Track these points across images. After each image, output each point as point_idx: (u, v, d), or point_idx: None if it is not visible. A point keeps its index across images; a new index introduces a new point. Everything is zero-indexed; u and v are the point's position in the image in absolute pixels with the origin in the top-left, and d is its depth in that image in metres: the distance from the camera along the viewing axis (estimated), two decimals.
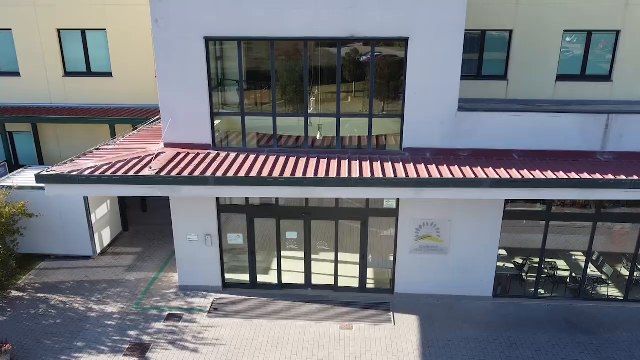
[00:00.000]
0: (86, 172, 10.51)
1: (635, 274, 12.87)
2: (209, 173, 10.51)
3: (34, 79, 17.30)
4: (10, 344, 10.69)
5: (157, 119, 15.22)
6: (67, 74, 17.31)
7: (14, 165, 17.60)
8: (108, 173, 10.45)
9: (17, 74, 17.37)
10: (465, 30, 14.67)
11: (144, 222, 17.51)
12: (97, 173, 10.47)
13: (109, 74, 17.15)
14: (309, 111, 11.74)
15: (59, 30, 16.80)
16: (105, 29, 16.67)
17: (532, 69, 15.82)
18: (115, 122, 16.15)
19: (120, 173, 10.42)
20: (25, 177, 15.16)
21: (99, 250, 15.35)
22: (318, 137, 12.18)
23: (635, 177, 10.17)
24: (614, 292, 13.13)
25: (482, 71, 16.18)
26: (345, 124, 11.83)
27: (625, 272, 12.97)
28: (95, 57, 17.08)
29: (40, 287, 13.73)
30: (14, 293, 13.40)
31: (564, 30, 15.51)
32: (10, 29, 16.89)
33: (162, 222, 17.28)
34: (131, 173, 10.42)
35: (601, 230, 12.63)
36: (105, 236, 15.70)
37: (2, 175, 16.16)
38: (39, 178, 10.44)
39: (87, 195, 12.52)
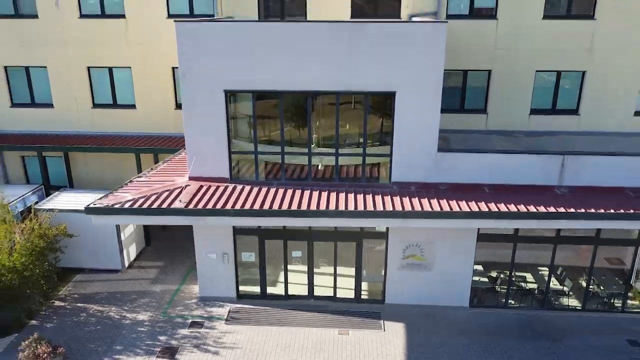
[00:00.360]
0: (127, 205, 12.62)
1: (591, 286, 15.00)
2: (228, 206, 12.62)
3: (65, 110, 19.39)
4: (63, 348, 12.81)
5: (178, 150, 17.34)
6: (95, 105, 19.39)
7: (45, 185, 19.66)
8: (145, 205, 12.56)
9: (50, 105, 19.46)
10: (450, 69, 16.92)
11: (164, 238, 19.59)
12: (135, 205, 12.59)
13: (133, 106, 19.24)
14: (312, 150, 13.85)
15: (88, 68, 18.89)
16: (130, 67, 18.75)
17: (509, 103, 17.93)
18: (140, 152, 18.28)
19: (155, 205, 12.53)
20: (62, 201, 17.27)
21: (126, 264, 17.46)
22: (320, 167, 14.30)
23: (587, 210, 12.30)
24: (573, 302, 15.26)
25: (464, 105, 18.27)
26: (343, 158, 13.94)
27: (583, 284, 15.09)
28: (121, 91, 19.17)
29: (79, 298, 15.84)
30: (57, 303, 15.51)
31: (536, 71, 17.62)
32: (45, 67, 18.97)
33: (180, 238, 19.34)
34: (164, 205, 12.54)
35: (563, 248, 14.75)
36: (131, 251, 17.82)
37: (40, 199, 18.22)
38: (88, 210, 12.54)
39: (127, 223, 14.62)
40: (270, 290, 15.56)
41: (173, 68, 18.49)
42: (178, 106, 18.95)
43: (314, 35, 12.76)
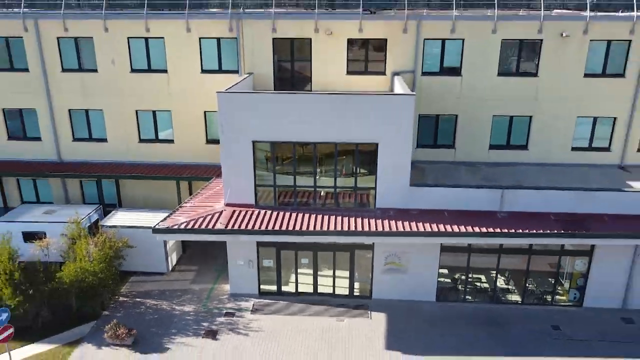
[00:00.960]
0: (182, 226, 17.36)
1: (529, 285, 19.73)
2: (255, 227, 17.37)
3: (117, 143, 24.09)
4: (135, 330, 17.54)
5: (209, 177, 22.07)
6: (141, 140, 24.10)
7: (101, 204, 24.36)
8: (195, 226, 17.31)
9: (105, 140, 24.16)
10: (426, 114, 21.63)
11: (195, 247, 24.24)
12: (189, 226, 17.33)
13: (172, 141, 23.95)
14: (317, 183, 18.57)
15: (136, 111, 23.60)
16: (170, 110, 23.46)
17: (472, 140, 22.60)
18: (179, 180, 23.05)
19: (203, 226, 17.30)
20: (119, 218, 21.97)
21: (170, 268, 22.17)
22: (322, 194, 19.03)
23: (519, 230, 17.04)
24: (515, 297, 19.99)
25: (437, 141, 22.94)
26: (340, 189, 18.67)
27: (523, 284, 19.82)
28: (162, 129, 23.86)
29: (136, 294, 20.55)
30: (121, 298, 20.22)
31: (493, 115, 22.32)
32: (101, 109, 23.66)
33: (208, 246, 23.97)
34: (209, 226, 17.30)
35: (507, 256, 19.45)
36: (173, 258, 22.54)
37: (100, 216, 22.91)
38: (155, 230, 17.30)
39: (182, 239, 19.33)
40: (284, 288, 20.28)
41: (205, 112, 23.19)
42: (208, 141, 23.66)
43: (317, 104, 17.55)
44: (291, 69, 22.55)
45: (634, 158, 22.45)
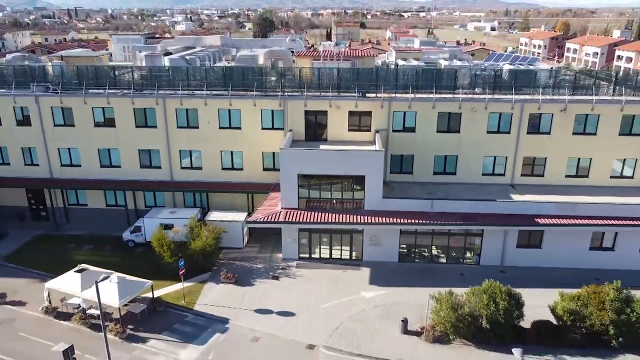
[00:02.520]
0: (260, 219, 32.93)
1: (449, 253, 35.20)
2: (298, 219, 32.92)
3: (208, 170, 39.54)
4: (236, 275, 33.08)
5: (266, 191, 37.51)
6: (223, 168, 39.59)
7: (198, 207, 39.76)
8: (268, 219, 32.88)
9: (200, 168, 39.64)
10: (396, 154, 37.02)
11: (258, 231, 39.50)
12: (265, 219, 32.89)
13: (242, 169, 39.41)
14: (332, 196, 34.12)
15: (221, 151, 39.05)
16: (242, 151, 38.91)
17: (422, 168, 37.91)
18: (251, 193, 38.64)
19: (273, 219, 32.86)
20: (215, 216, 37.39)
21: (244, 245, 37.64)
22: (334, 201, 34.53)
23: (439, 222, 32.57)
24: (443, 260, 35.44)
25: (402, 170, 38.29)
26: (344, 200, 34.21)
27: (446, 252, 35.31)
28: (236, 161, 39.31)
29: (228, 258, 36.00)
30: (220, 260, 35.66)
31: (435, 155, 37.71)
32: (200, 150, 39.10)
33: (267, 231, 39.21)
34: (276, 219, 32.85)
35: (437, 237, 34.92)
36: (245, 238, 38.00)
37: (203, 215, 38.28)
38: (247, 222, 32.87)
39: (254, 227, 34.84)
40: (313, 255, 35.76)
41: (262, 152, 38.61)
42: (263, 169, 39.09)
43: (331, 155, 33.06)
44: (315, 128, 38.03)
45: (519, 180, 37.88)
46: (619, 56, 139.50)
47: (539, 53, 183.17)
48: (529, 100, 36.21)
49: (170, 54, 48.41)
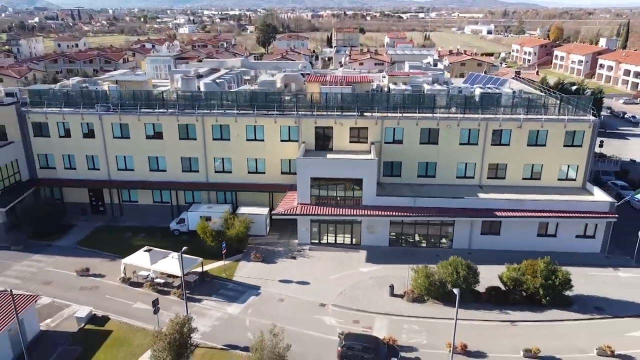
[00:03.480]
0: (282, 212, 42.72)
1: (429, 239, 44.96)
2: (311, 212, 42.72)
3: (237, 173, 49.24)
4: (263, 255, 42.85)
5: (285, 191, 47.24)
6: (249, 172, 49.25)
7: (228, 203, 49.46)
8: (288, 212, 42.68)
9: (230, 172, 49.36)
10: (388, 160, 46.92)
11: (278, 222, 49.17)
12: (285, 212, 42.68)
13: (264, 173, 49.09)
14: (337, 194, 43.91)
15: (247, 158, 48.72)
16: (264, 158, 48.60)
17: (409, 172, 47.67)
18: (271, 191, 48.39)
19: (291, 212, 42.66)
20: (243, 210, 47.11)
21: (267, 233, 47.39)
22: (338, 198, 44.30)
23: (419, 214, 42.42)
24: (424, 244, 45.22)
25: (393, 173, 48.01)
26: (346, 197, 43.99)
27: (427, 238, 45.09)
28: (260, 167, 49.03)
29: (254, 246, 45.73)
30: (249, 245, 45.40)
31: (418, 162, 47.50)
32: (230, 157, 48.79)
33: (285, 222, 48.86)
34: (294, 212, 42.65)
35: (419, 226, 44.70)
36: (267, 227, 47.73)
37: (233, 210, 47.95)
38: (273, 214, 42.69)
39: (275, 218, 44.59)
40: (322, 240, 45.52)
41: (281, 159, 48.30)
42: (281, 173, 48.78)
43: (336, 163, 42.86)
44: (323, 140, 47.75)
45: (485, 182, 47.61)
46: (601, 64, 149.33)
47: (529, 60, 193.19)
48: (492, 119, 45.95)
49: (201, 76, 58.10)
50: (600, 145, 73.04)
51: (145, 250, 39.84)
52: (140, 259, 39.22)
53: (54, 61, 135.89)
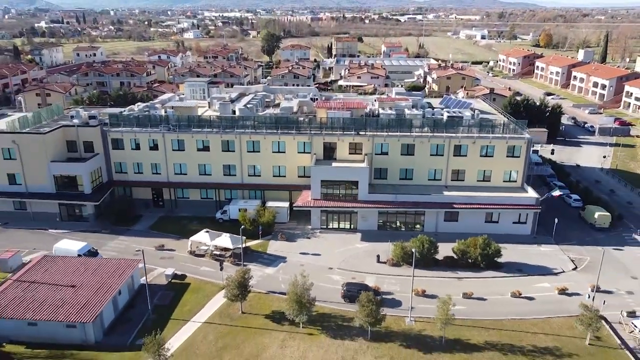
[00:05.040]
0: (300, 204, 59.50)
1: (407, 225, 61.73)
2: (320, 205, 59.52)
3: (265, 176, 65.94)
4: (285, 236, 59.61)
5: (301, 190, 63.96)
6: (274, 176, 66.02)
7: (258, 199, 66.07)
8: (304, 204, 59.47)
9: (260, 175, 66.06)
10: (377, 167, 63.98)
11: (296, 213, 65.74)
12: (303, 204, 59.45)
13: (285, 176, 65.77)
14: (339, 192, 60.69)
15: (272, 166, 65.40)
16: (285, 165, 65.29)
17: (394, 175, 64.43)
18: (290, 190, 65.16)
19: (308, 205, 59.44)
20: (270, 204, 63.78)
21: (287, 220, 64.05)
22: (340, 195, 61.08)
23: (400, 207, 59.29)
24: (404, 228, 61.99)
25: (381, 177, 64.71)
26: (347, 193, 60.79)
27: (405, 224, 61.90)
28: (282, 172, 65.65)
29: (279, 230, 62.34)
30: (275, 229, 62.07)
31: (400, 168, 64.21)
32: (260, 165, 65.48)
33: (300, 212, 65.32)
34: (307, 205, 59.45)
35: (400, 215, 61.45)
36: (288, 216, 64.37)
37: (264, 204, 64.47)
38: (295, 207, 59.48)
39: (294, 209, 61.35)
40: (329, 226, 62.25)
41: (297, 166, 64.98)
42: (298, 177, 65.42)
43: (339, 169, 59.65)
44: (329, 152, 64.49)
45: (449, 183, 64.32)
46: (574, 76, 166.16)
47: (513, 69, 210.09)
48: (454, 137, 62.65)
49: (234, 100, 74.77)
50: (552, 153, 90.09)
51: (205, 231, 56.50)
52: (202, 237, 55.88)
53: (85, 74, 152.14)
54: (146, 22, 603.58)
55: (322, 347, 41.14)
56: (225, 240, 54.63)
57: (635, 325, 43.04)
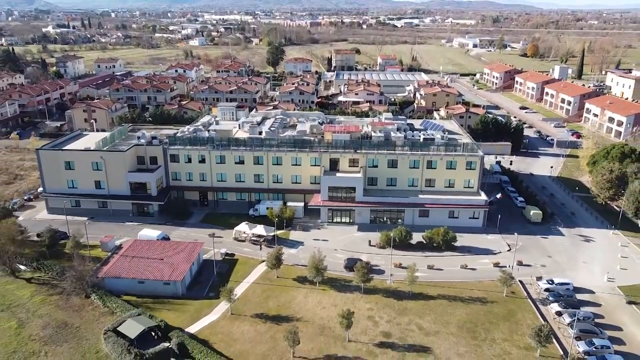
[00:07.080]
0: (313, 204, 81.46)
1: (392, 219, 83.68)
2: (326, 204, 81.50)
3: (285, 182, 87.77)
4: (302, 227, 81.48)
5: (313, 194, 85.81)
6: (292, 183, 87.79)
7: (280, 200, 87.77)
8: (315, 204, 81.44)
9: (281, 182, 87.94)
10: (370, 177, 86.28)
11: (309, 210, 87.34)
12: (315, 204, 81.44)
13: (300, 182, 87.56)
14: (341, 195, 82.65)
15: (291, 175, 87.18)
16: (300, 174, 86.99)
17: (382, 182, 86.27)
18: (305, 193, 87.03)
19: (316, 205, 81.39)
20: (290, 204, 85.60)
21: (303, 215, 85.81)
22: (342, 197, 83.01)
23: (385, 207, 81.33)
24: (389, 222, 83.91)
25: (373, 184, 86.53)
26: (347, 195, 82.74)
27: (390, 219, 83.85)
28: (298, 179, 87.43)
29: (297, 222, 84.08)
30: (293, 223, 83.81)
31: (386, 177, 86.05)
32: (282, 174, 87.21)
33: (312, 210, 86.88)
34: (317, 205, 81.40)
35: (386, 213, 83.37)
36: (303, 213, 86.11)
37: (285, 204, 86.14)
38: (309, 206, 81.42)
39: (309, 207, 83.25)
40: (334, 221, 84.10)
41: (309, 175, 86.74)
42: (311, 183, 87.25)
43: (342, 178, 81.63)
44: (334, 165, 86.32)
45: (424, 189, 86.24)
46: (546, 92, 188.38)
47: (496, 83, 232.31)
48: (427, 154, 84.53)
49: (259, 123, 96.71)
50: (510, 163, 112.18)
51: (245, 223, 78.29)
52: (242, 227, 77.64)
53: (116, 90, 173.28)
54: (150, 28, 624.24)
55: (331, 297, 62.98)
56: (260, 229, 76.36)
57: (538, 285, 65.13)
